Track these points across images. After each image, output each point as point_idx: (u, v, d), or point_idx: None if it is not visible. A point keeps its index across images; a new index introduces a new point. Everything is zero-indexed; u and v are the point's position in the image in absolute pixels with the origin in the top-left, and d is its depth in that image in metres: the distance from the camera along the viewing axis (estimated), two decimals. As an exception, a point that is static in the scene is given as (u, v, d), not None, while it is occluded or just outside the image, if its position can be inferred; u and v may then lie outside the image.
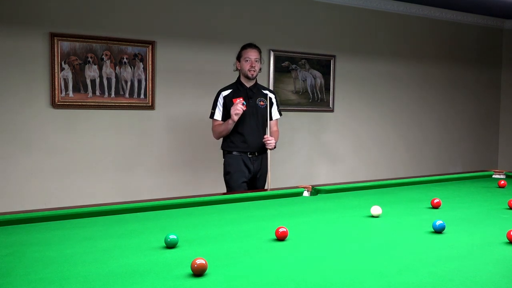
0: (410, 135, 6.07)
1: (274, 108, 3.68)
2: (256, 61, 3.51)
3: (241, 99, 3.41)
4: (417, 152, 6.12)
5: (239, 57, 3.57)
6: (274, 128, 3.68)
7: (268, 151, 3.51)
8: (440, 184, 3.37)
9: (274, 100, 3.69)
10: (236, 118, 3.37)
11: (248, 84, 3.57)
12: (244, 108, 3.37)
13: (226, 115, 3.50)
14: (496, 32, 6.70)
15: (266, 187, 3.54)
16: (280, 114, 3.76)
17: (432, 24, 6.09)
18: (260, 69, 3.59)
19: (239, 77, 3.61)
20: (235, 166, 3.50)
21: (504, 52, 6.79)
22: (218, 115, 3.54)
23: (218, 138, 3.64)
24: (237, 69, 3.62)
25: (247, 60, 3.50)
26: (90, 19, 4.16)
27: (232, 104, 3.43)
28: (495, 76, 6.79)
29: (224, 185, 3.62)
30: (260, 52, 3.57)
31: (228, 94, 3.52)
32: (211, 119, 3.61)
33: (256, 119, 3.53)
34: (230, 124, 3.42)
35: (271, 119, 3.62)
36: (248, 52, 3.51)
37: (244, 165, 3.50)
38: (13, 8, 3.89)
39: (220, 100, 3.53)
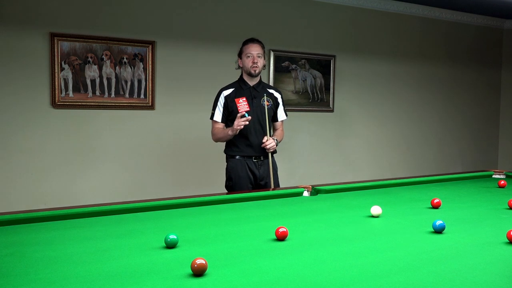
0: (410, 135, 6.07)
1: (280, 108, 3.46)
2: (259, 56, 3.26)
3: (244, 99, 3.17)
4: (417, 152, 6.12)
5: (240, 54, 3.32)
6: (280, 129, 3.48)
7: (270, 154, 3.30)
8: (440, 184, 3.37)
9: (280, 100, 3.45)
10: (237, 132, 3.16)
11: (252, 82, 3.33)
12: (247, 123, 3.14)
13: (227, 116, 3.30)
14: (496, 32, 6.70)
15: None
16: (286, 115, 3.53)
17: (432, 24, 6.09)
18: (264, 66, 3.34)
19: (241, 75, 3.36)
20: (239, 172, 3.27)
21: (504, 52, 6.79)
22: (218, 116, 3.30)
23: (216, 142, 3.43)
24: (239, 67, 3.37)
25: (248, 56, 3.25)
26: (90, 19, 4.16)
27: (234, 104, 3.21)
28: (495, 76, 6.79)
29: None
30: (263, 47, 3.32)
31: (229, 94, 3.28)
32: (211, 120, 3.39)
33: (261, 120, 3.29)
34: (229, 135, 3.21)
35: (276, 120, 3.44)
36: (249, 47, 3.26)
37: (249, 170, 3.29)
38: (13, 8, 3.89)
39: (221, 100, 3.29)
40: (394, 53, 5.85)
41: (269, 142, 3.23)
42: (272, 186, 3.30)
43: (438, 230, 1.99)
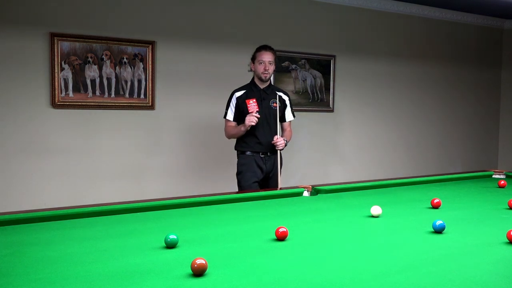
0: (410, 135, 6.07)
1: (288, 110, 3.73)
2: (270, 63, 3.54)
3: (254, 101, 3.47)
4: (417, 152, 6.12)
5: (253, 59, 3.60)
6: (288, 129, 3.74)
7: (278, 151, 3.56)
8: (440, 184, 3.37)
9: (287, 102, 3.72)
10: (248, 127, 3.45)
11: (262, 85, 3.61)
12: (257, 118, 3.43)
13: (238, 115, 3.56)
14: (496, 32, 6.70)
15: (279, 186, 3.55)
16: (294, 116, 3.79)
17: (432, 24, 6.09)
18: (274, 70, 3.63)
19: (253, 78, 3.65)
20: (247, 166, 3.55)
21: (504, 52, 6.79)
22: (230, 115, 3.60)
23: (229, 138, 3.71)
24: (251, 70, 3.66)
25: (260, 63, 3.53)
26: (90, 19, 4.16)
27: (245, 105, 3.49)
28: (495, 76, 6.78)
29: (233, 184, 3.67)
30: (274, 53, 3.60)
31: (241, 95, 3.57)
32: (224, 119, 3.66)
33: (269, 120, 3.57)
34: (242, 131, 3.50)
35: (284, 120, 3.70)
36: (262, 54, 3.54)
37: (257, 165, 3.55)
38: (13, 8, 3.89)
39: (233, 101, 3.59)
40: (394, 53, 5.85)
41: (278, 140, 3.51)
42: (279, 180, 3.56)
43: (438, 230, 1.99)
